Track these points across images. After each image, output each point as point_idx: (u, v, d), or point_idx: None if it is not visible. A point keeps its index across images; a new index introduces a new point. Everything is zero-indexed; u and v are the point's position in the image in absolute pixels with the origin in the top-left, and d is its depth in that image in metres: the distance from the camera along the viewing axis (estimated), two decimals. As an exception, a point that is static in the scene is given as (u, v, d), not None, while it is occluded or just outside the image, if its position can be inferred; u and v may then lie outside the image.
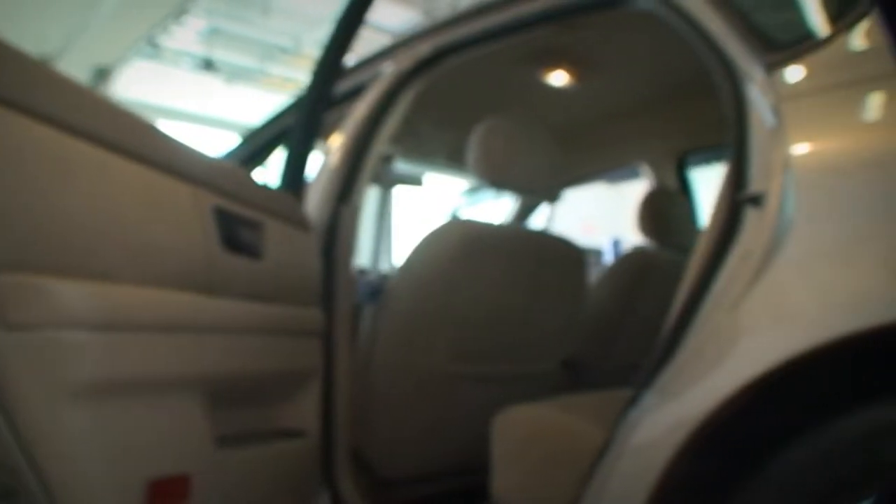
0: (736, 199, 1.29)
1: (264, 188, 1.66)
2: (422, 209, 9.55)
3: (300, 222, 1.72)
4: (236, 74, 9.45)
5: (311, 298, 1.71)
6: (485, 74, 2.69)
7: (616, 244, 12.29)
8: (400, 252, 3.20)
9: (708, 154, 3.35)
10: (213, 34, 8.62)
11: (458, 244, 1.94)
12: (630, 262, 2.67)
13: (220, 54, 9.02)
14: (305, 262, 1.71)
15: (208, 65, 9.04)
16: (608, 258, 11.93)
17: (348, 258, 1.94)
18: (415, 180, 3.35)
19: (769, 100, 1.28)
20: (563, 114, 3.05)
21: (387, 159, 2.22)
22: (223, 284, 1.36)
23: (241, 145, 2.66)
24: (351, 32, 1.95)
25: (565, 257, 2.22)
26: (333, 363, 1.81)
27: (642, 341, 2.70)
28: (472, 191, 8.44)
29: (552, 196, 2.21)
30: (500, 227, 2.06)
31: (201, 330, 1.28)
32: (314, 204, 1.96)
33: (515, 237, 2.10)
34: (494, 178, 2.00)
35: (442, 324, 1.98)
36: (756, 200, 1.24)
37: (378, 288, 2.00)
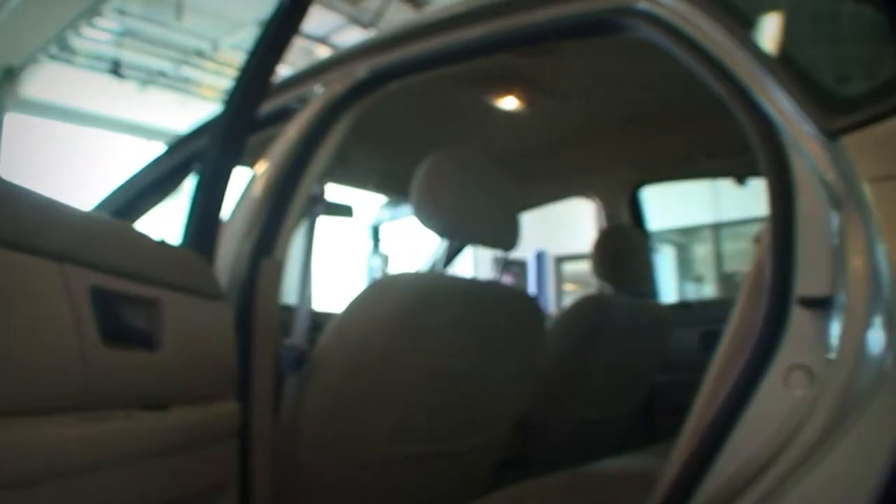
0: (782, 296, 1.04)
1: (161, 248, 1.32)
2: (338, 226, 9.23)
3: (210, 290, 1.38)
4: (150, 78, 9.00)
5: (224, 387, 1.37)
6: (425, 97, 2.40)
7: (540, 256, 12.20)
8: (322, 289, 2.86)
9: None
10: (126, 36, 8.21)
11: (401, 306, 1.62)
12: (585, 310, 2.40)
13: (133, 57, 8.57)
14: (216, 342, 1.37)
15: (120, 68, 8.58)
16: (532, 271, 11.94)
17: (270, 326, 1.61)
18: (345, 211, 3.03)
19: (830, 177, 1.02)
20: (512, 141, 2.78)
21: (316, 199, 1.89)
22: (103, 395, 1.02)
23: (132, 180, 2.28)
24: (283, 41, 1.62)
25: (521, 313, 1.93)
26: (252, 468, 1.47)
27: (599, 396, 2.46)
28: (392, 204, 8.14)
29: (510, 245, 1.92)
30: (447, 282, 1.75)
31: (67, 474, 0.93)
32: (228, 257, 1.62)
33: (466, 293, 1.79)
34: (446, 230, 1.70)
35: (381, 400, 1.66)
36: (815, 303, 0.98)
37: (302, 355, 1.67)
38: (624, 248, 2.51)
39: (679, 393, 2.99)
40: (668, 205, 8.35)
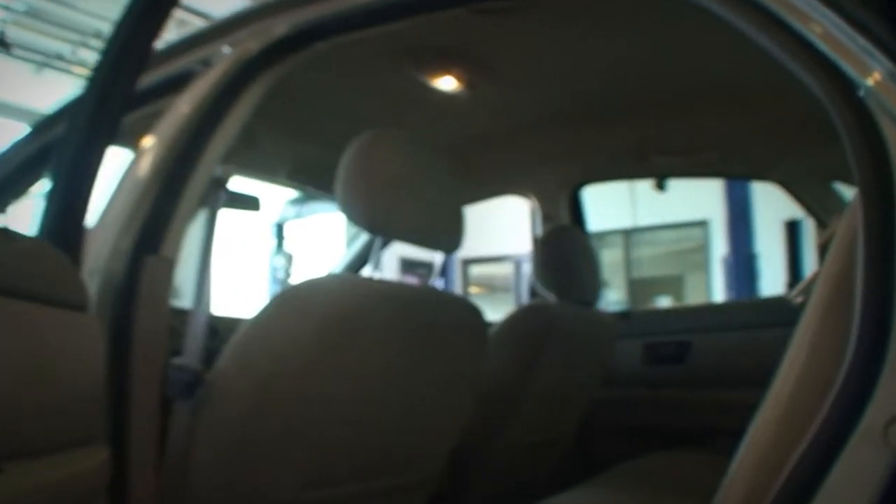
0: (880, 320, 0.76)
1: (10, 239, 0.96)
2: (238, 222, 8.72)
3: (71, 297, 1.02)
4: (47, 61, 8.38)
5: (88, 428, 1.02)
6: (350, 72, 2.07)
7: (447, 259, 11.99)
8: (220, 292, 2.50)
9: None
10: (23, 15, 7.59)
11: (326, 319, 1.30)
12: (528, 319, 2.11)
13: (28, 38, 7.97)
14: (77, 366, 1.01)
15: (12, 49, 7.97)
16: (438, 271, 11.70)
17: (155, 343, 1.26)
18: (250, 203, 2.68)
19: None
20: (447, 129, 2.47)
21: (218, 183, 1.54)
22: None
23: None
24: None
25: (464, 325, 1.63)
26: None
27: (538, 416, 2.16)
28: (299, 200, 7.73)
29: (453, 246, 1.61)
30: (379, 288, 1.43)
31: None
32: (101, 256, 1.27)
33: (402, 302, 1.47)
34: (376, 224, 1.39)
35: (295, 437, 1.33)
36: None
37: (196, 378, 1.33)
38: (569, 251, 2.24)
39: (621, 411, 2.76)
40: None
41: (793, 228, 8.00)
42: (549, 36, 1.94)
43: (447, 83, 2.14)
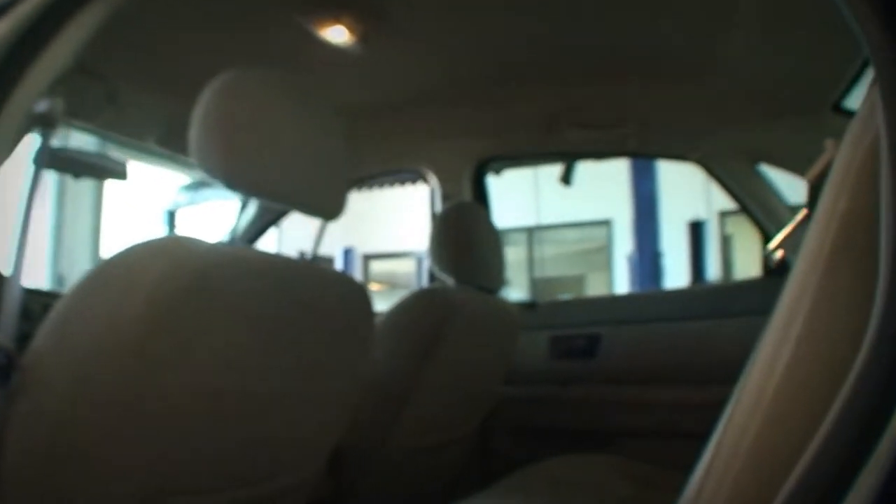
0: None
1: None
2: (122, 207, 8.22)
3: None
4: None
5: None
6: (225, 17, 1.79)
7: (348, 253, 11.64)
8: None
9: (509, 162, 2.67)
10: None
11: (164, 287, 1.02)
12: (424, 307, 1.86)
13: None
14: None
15: None
16: (339, 268, 11.36)
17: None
18: (113, 171, 2.35)
19: None
20: (337, 89, 2.20)
21: (42, 121, 1.23)
22: None
23: None
24: None
25: (349, 305, 1.37)
26: None
27: (436, 415, 1.91)
28: (194, 186, 7.29)
29: (332, 212, 1.34)
30: (245, 255, 1.16)
31: None
32: None
33: (272, 271, 1.20)
34: (241, 182, 1.15)
35: (123, 437, 1.04)
36: None
37: (9, 361, 1.04)
38: (471, 231, 2.00)
39: (525, 410, 2.54)
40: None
41: (696, 229, 8.02)
42: None
43: (338, 34, 1.87)
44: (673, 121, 2.28)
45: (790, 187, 2.33)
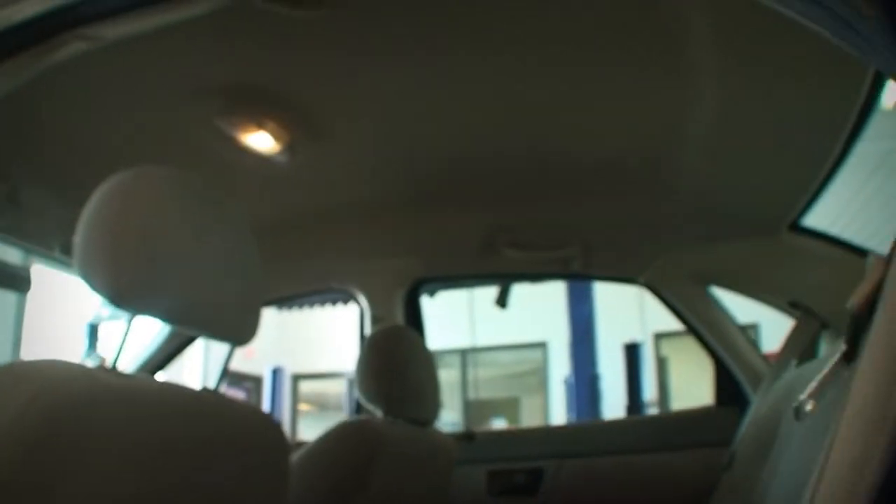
0: None
1: None
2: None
3: None
4: None
5: None
6: (135, 115, 1.64)
7: (276, 373, 11.26)
8: None
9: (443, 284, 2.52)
10: None
11: (21, 419, 0.81)
12: (347, 443, 1.65)
13: None
14: None
15: None
16: (267, 388, 10.94)
17: None
18: (12, 281, 2.13)
19: None
20: (259, 202, 2.03)
21: None
22: None
23: None
24: None
25: (260, 440, 1.18)
26: None
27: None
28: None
29: (243, 336, 1.16)
30: (122, 385, 0.95)
31: None
32: None
33: (160, 406, 0.99)
34: (126, 297, 0.97)
35: None
36: None
37: None
38: (402, 358, 1.82)
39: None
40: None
41: (632, 351, 7.94)
42: (389, 90, 1.59)
43: (261, 141, 1.73)
44: (619, 242, 2.17)
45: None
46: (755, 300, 2.16)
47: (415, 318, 2.40)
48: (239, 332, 1.14)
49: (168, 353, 2.47)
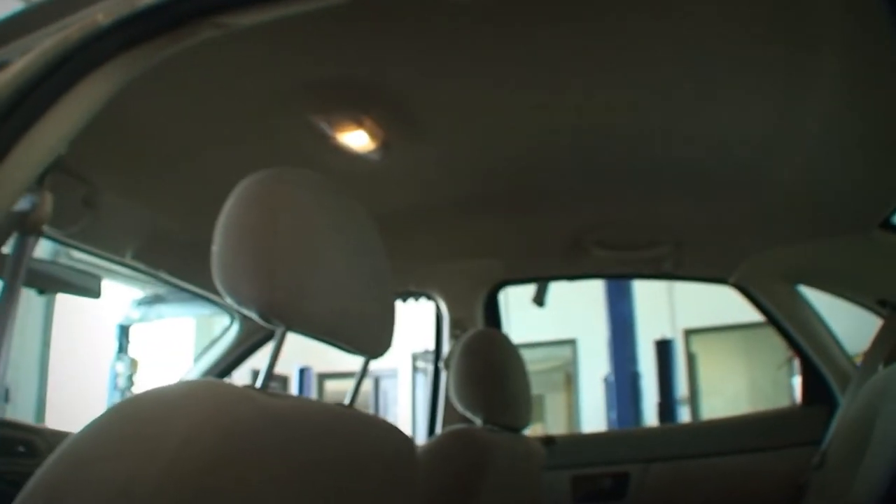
0: None
1: None
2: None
3: None
4: None
5: None
6: (227, 116, 1.59)
7: (303, 372, 11.20)
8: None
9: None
10: None
11: (180, 451, 0.75)
12: (459, 453, 1.59)
13: None
14: None
15: None
16: (294, 387, 10.88)
17: None
18: (87, 288, 2.08)
19: None
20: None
21: (21, 222, 0.99)
22: None
23: None
24: None
25: (392, 461, 1.12)
26: None
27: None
28: (148, 301, 6.93)
29: (380, 348, 1.11)
30: (269, 405, 0.88)
31: None
32: None
33: (304, 425, 0.94)
34: (276, 311, 0.90)
35: None
36: None
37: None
38: (500, 363, 1.77)
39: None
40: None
41: (663, 347, 7.88)
42: (486, 88, 1.54)
43: (357, 139, 1.68)
44: (710, 241, 2.12)
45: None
46: (843, 299, 2.11)
47: (494, 321, 2.35)
48: (377, 344, 1.09)
49: (239, 356, 2.44)
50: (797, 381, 2.54)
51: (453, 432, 1.62)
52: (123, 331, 7.56)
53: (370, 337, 1.07)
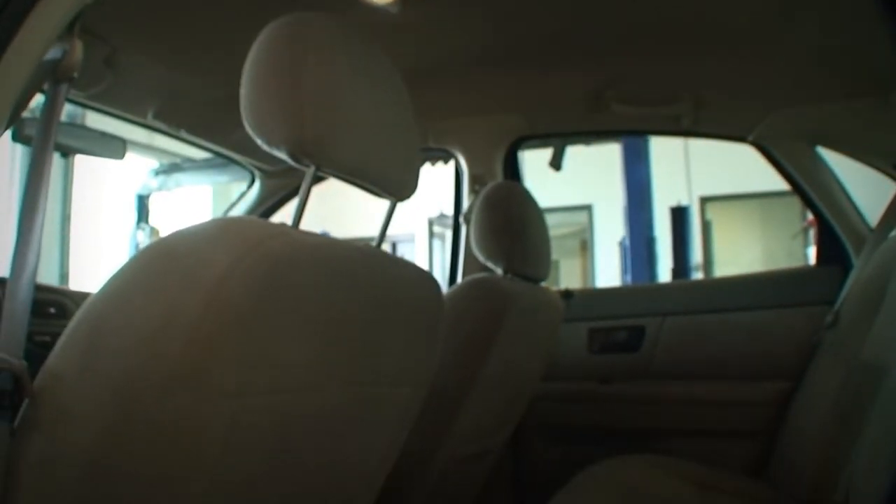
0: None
1: None
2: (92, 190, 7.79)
3: None
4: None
5: None
6: None
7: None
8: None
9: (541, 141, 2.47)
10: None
11: (217, 287, 0.78)
12: (480, 302, 1.65)
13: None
14: None
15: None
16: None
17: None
18: (111, 150, 2.10)
19: None
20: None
21: (54, 72, 0.99)
22: None
23: None
24: None
25: (421, 303, 1.17)
26: None
27: (480, 422, 1.72)
28: (165, 170, 6.97)
29: (405, 192, 1.13)
30: (303, 241, 0.91)
31: None
32: None
33: (339, 263, 0.97)
34: (307, 150, 0.92)
35: (181, 473, 0.81)
36: None
37: (17, 384, 0.80)
38: (521, 215, 1.80)
39: (559, 407, 2.35)
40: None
41: (679, 214, 7.90)
42: None
43: (381, -10, 1.65)
44: (730, 98, 2.10)
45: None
46: (861, 162, 2.10)
47: (514, 177, 2.37)
48: (403, 187, 1.12)
49: (263, 212, 2.48)
50: (812, 251, 2.56)
51: (475, 280, 1.67)
52: (142, 201, 7.64)
53: (396, 179, 1.10)
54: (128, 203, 7.61)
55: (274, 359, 0.85)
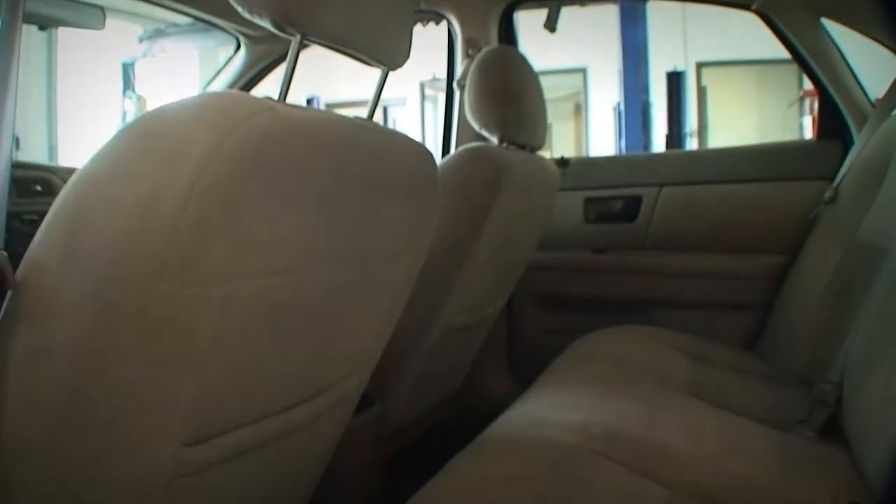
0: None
1: None
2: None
3: None
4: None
5: None
6: None
7: (310, 102, 11.15)
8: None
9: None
10: None
11: (202, 166, 0.72)
12: (475, 171, 1.60)
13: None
14: None
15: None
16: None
17: None
18: (89, 19, 2.00)
19: None
20: None
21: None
22: None
23: None
24: None
25: (416, 178, 1.12)
26: None
27: (475, 292, 1.71)
28: (150, 36, 6.79)
29: (397, 60, 1.07)
30: (292, 117, 0.86)
31: None
32: None
33: (330, 139, 0.92)
34: (291, 18, 0.87)
35: (173, 359, 0.78)
36: None
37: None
38: (516, 81, 1.73)
39: (554, 276, 2.34)
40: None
41: (674, 80, 7.76)
42: None
43: None
44: None
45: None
46: (866, 36, 2.01)
47: (509, 41, 2.28)
48: (395, 55, 1.05)
49: (247, 84, 2.39)
50: (807, 121, 2.49)
51: (469, 149, 1.62)
52: (128, 68, 7.46)
53: (387, 47, 1.04)
54: (114, 72, 7.43)
55: (264, 240, 0.81)
